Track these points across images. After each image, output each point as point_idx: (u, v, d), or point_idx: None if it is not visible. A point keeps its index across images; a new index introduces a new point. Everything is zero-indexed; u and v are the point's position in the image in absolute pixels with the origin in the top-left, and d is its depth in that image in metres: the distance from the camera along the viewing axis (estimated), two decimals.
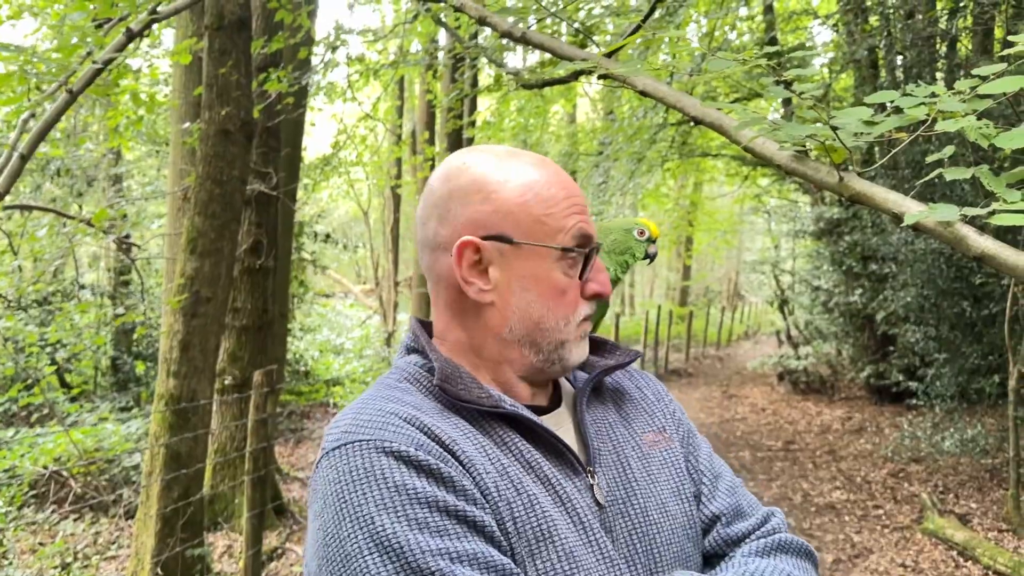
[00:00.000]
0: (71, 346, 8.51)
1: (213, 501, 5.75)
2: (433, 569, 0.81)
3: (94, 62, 2.40)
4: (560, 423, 1.06)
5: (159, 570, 3.98)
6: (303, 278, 11.37)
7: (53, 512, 5.53)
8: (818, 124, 1.50)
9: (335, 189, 16.36)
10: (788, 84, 1.54)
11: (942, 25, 7.27)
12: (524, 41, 1.98)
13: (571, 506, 0.95)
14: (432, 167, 9.01)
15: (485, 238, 1.01)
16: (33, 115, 2.58)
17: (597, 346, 1.18)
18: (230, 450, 5.83)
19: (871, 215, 9.78)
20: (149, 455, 4.37)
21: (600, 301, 1.17)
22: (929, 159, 1.40)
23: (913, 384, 8.46)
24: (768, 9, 10.76)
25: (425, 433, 0.91)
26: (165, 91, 7.81)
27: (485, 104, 14.36)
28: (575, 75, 3.45)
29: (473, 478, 0.90)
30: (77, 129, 8.58)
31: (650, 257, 1.46)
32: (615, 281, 1.38)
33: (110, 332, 9.40)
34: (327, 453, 0.91)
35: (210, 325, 4.54)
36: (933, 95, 1.51)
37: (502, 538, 0.88)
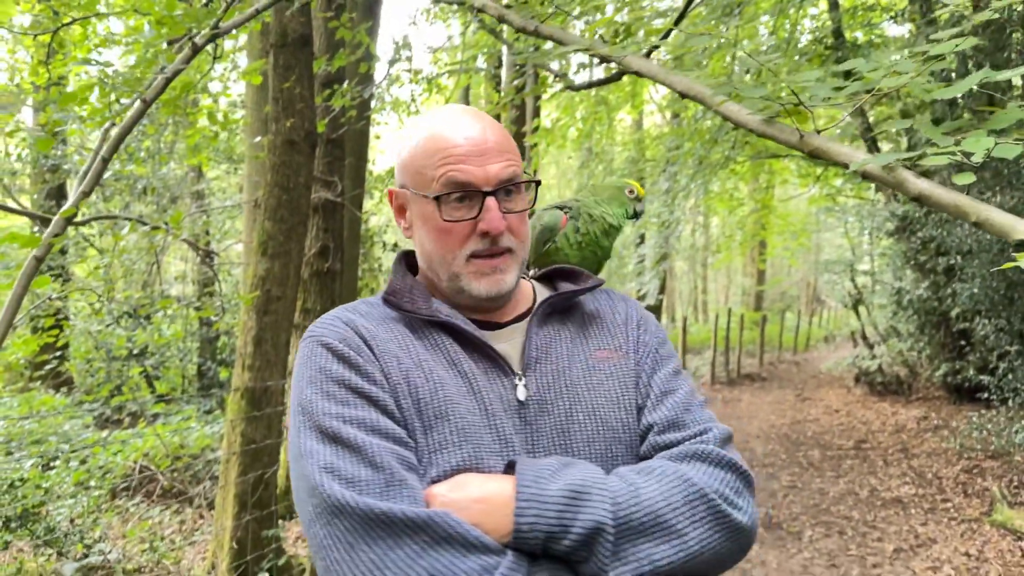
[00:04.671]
0: (159, 355, 9.04)
1: (288, 492, 6.07)
2: (326, 426, 1.07)
3: (163, 72, 2.71)
4: (509, 337, 1.26)
5: (234, 544, 4.29)
6: (375, 286, 11.74)
7: (142, 503, 5.94)
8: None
9: None
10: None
11: (1017, 7, 7.12)
12: (536, 34, 2.18)
13: (480, 396, 1.16)
14: None
15: (400, 186, 1.27)
16: (114, 124, 2.91)
17: (572, 275, 1.38)
18: None
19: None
20: (226, 441, 4.70)
21: (582, 245, 1.49)
22: (883, 116, 1.54)
23: (986, 379, 8.26)
24: (834, 5, 10.65)
25: (353, 330, 1.18)
26: (240, 113, 8.28)
27: (552, 114, 14.56)
28: (619, 75, 3.65)
29: (382, 366, 1.15)
30: (162, 149, 9.14)
31: (636, 215, 1.60)
32: (617, 229, 1.56)
33: (195, 340, 9.94)
34: (301, 343, 1.21)
35: (281, 321, 4.86)
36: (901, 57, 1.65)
37: (396, 412, 1.12)
